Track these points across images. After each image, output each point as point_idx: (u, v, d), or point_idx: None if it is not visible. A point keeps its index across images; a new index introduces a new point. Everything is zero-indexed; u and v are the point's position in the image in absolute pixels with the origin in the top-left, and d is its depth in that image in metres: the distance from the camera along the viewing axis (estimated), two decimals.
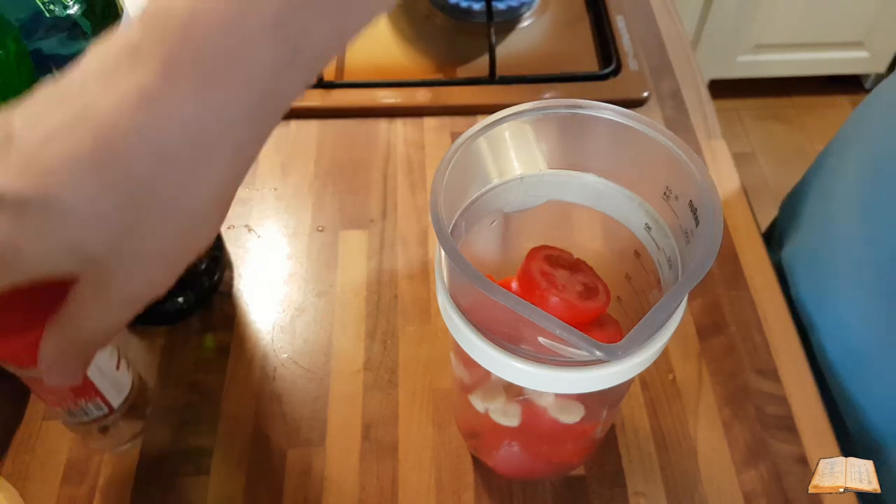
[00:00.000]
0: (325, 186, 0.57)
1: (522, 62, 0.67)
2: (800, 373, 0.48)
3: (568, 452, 0.42)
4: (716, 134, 0.61)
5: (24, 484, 0.43)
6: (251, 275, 0.52)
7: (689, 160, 0.31)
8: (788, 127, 1.83)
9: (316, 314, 0.50)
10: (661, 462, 0.44)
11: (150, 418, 0.45)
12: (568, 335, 0.26)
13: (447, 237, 0.29)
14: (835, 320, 0.50)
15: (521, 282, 0.36)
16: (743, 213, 0.56)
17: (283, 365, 0.48)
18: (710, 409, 0.46)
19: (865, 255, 0.47)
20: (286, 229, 0.55)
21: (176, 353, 0.48)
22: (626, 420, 0.46)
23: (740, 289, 0.52)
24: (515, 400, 0.36)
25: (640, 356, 0.30)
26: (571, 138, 0.35)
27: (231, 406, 0.46)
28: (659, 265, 0.34)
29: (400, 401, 0.46)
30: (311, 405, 0.46)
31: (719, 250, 0.28)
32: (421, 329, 0.49)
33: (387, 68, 0.66)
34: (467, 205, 0.35)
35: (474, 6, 0.70)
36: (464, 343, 0.32)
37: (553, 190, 0.36)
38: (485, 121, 0.33)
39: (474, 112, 0.62)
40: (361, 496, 0.43)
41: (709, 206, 0.29)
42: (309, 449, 0.44)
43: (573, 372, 0.29)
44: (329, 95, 0.63)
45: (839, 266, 0.50)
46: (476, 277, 0.27)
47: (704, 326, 0.50)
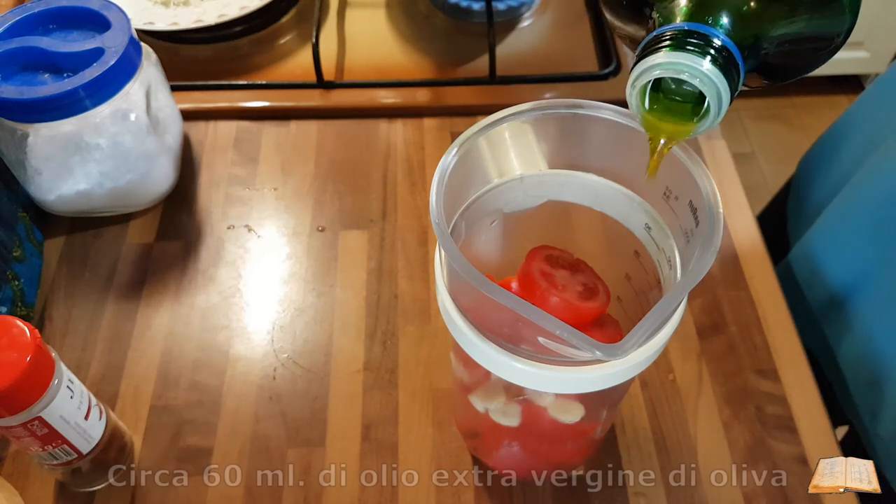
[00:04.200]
0: (325, 186, 0.57)
1: (522, 62, 0.67)
2: (800, 373, 0.48)
3: (568, 452, 0.42)
4: (716, 134, 0.61)
5: (24, 484, 0.43)
6: (251, 275, 0.52)
7: (688, 160, 0.31)
8: (788, 127, 1.83)
9: (316, 314, 0.50)
10: (660, 462, 0.44)
11: (149, 419, 0.45)
12: (568, 335, 0.26)
13: (447, 237, 0.29)
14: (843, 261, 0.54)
15: (521, 282, 0.36)
16: (743, 213, 0.56)
17: (283, 365, 0.48)
18: (710, 409, 0.46)
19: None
20: (286, 229, 0.55)
21: (175, 355, 0.48)
22: (626, 420, 0.46)
23: (740, 289, 0.52)
24: (515, 400, 0.36)
25: (640, 356, 0.30)
26: (571, 138, 0.35)
27: (231, 406, 0.46)
28: (659, 265, 0.34)
29: (400, 401, 0.46)
30: (311, 405, 0.46)
31: (719, 250, 0.28)
32: (421, 329, 0.49)
33: (387, 68, 0.66)
34: (467, 205, 0.35)
35: (474, 6, 0.70)
36: (464, 343, 0.32)
37: (553, 190, 0.36)
38: (485, 121, 0.33)
39: (474, 112, 0.62)
40: (361, 496, 0.43)
41: (709, 206, 0.29)
42: (309, 449, 0.44)
43: (573, 372, 0.29)
44: (329, 95, 0.63)
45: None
46: (476, 277, 0.27)
47: (704, 326, 0.50)
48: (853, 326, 0.53)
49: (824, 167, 0.61)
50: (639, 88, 0.27)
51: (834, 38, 0.26)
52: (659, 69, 0.25)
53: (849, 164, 0.58)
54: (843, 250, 0.54)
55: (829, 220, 0.56)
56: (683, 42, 0.25)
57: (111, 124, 0.49)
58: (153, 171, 0.53)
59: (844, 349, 0.54)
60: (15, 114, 0.48)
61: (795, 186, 0.67)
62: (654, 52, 0.25)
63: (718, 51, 0.25)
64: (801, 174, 0.66)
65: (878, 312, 0.51)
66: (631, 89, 0.27)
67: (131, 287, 0.52)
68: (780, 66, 0.28)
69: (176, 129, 0.57)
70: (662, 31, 0.26)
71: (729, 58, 0.25)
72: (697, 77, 0.25)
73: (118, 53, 0.48)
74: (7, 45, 0.49)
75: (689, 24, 0.25)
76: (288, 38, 0.69)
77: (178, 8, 0.68)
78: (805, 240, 0.58)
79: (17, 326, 0.35)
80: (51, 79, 0.49)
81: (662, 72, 0.25)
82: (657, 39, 0.26)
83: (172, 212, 0.56)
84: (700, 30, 0.25)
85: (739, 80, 0.26)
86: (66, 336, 0.49)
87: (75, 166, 0.50)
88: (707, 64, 0.25)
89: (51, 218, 0.55)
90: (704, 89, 0.25)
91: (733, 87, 0.25)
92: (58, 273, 0.52)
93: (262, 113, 0.62)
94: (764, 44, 0.26)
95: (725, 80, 0.25)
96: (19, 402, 0.35)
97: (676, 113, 0.28)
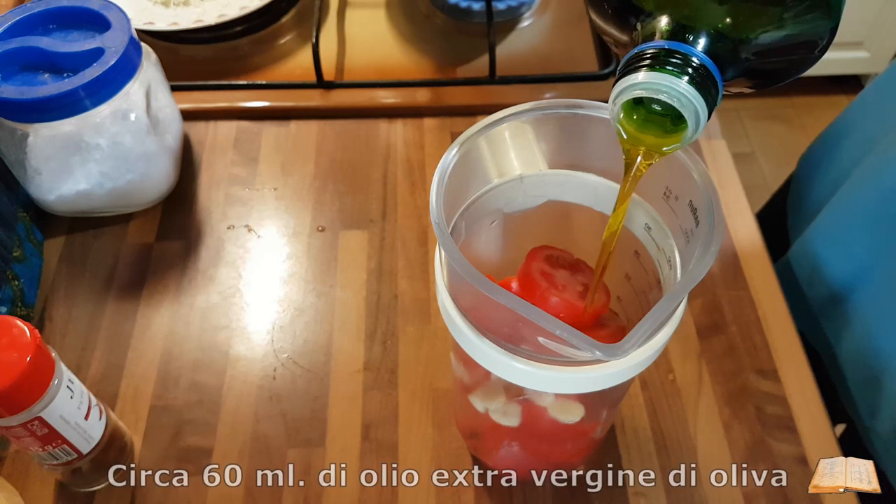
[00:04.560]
0: (325, 186, 0.57)
1: (522, 62, 0.67)
2: (800, 373, 0.48)
3: (568, 452, 0.42)
4: (716, 134, 0.61)
5: (24, 484, 0.43)
6: (251, 275, 0.52)
7: (688, 160, 0.31)
8: (788, 127, 1.83)
9: (316, 314, 0.50)
10: (660, 462, 0.44)
11: (149, 419, 0.45)
12: (568, 335, 0.26)
13: (447, 237, 0.29)
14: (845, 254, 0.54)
15: (521, 282, 0.36)
16: (743, 213, 0.56)
17: (283, 365, 0.48)
18: (710, 409, 0.46)
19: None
20: (286, 229, 0.55)
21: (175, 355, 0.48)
22: (626, 420, 0.46)
23: (740, 289, 0.52)
24: (515, 400, 0.36)
25: (640, 356, 0.30)
26: (571, 138, 0.35)
27: (231, 406, 0.46)
28: (659, 265, 0.34)
29: (400, 401, 0.46)
30: (311, 405, 0.46)
31: (719, 250, 0.28)
32: (421, 329, 0.49)
33: (387, 68, 0.66)
34: (467, 205, 0.35)
35: (474, 6, 0.70)
36: (464, 343, 0.32)
37: (553, 190, 0.36)
38: (485, 121, 0.33)
39: (474, 112, 0.62)
40: (361, 496, 0.43)
41: (709, 206, 0.29)
42: (309, 449, 0.44)
43: (573, 372, 0.29)
44: (329, 95, 0.63)
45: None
46: (476, 277, 0.27)
47: (704, 326, 0.50)
48: (853, 323, 0.53)
49: (824, 165, 0.62)
50: (619, 105, 0.28)
51: (817, 43, 0.27)
52: (638, 88, 0.26)
53: (848, 162, 0.58)
54: (842, 248, 0.54)
55: (828, 218, 0.56)
56: (663, 62, 0.26)
57: (111, 124, 0.49)
58: (153, 171, 0.53)
59: (844, 346, 0.54)
60: (15, 114, 0.48)
61: (795, 184, 0.67)
62: (635, 71, 0.26)
63: (696, 69, 0.26)
64: (800, 172, 0.67)
65: (877, 309, 0.51)
66: (612, 105, 0.28)
67: (131, 287, 0.52)
68: (766, 71, 0.28)
69: (176, 129, 0.57)
70: (643, 49, 0.27)
71: (707, 75, 0.26)
72: (675, 97, 0.26)
73: (118, 53, 0.48)
74: (7, 45, 0.49)
75: (670, 44, 0.27)
76: (288, 38, 0.69)
77: (178, 8, 0.68)
78: (805, 237, 0.58)
79: (17, 326, 0.35)
80: (51, 79, 0.49)
81: (642, 91, 0.26)
82: (639, 57, 0.27)
83: (172, 212, 0.56)
84: (679, 49, 0.26)
85: (718, 94, 0.27)
86: (66, 336, 0.49)
87: (75, 166, 0.50)
88: (684, 84, 0.26)
89: (51, 218, 0.55)
90: (682, 109, 0.26)
91: (711, 102, 0.26)
92: (58, 273, 0.52)
93: (262, 113, 0.62)
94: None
95: (703, 97, 0.26)
96: (19, 402, 0.35)
97: (656, 124, 0.29)
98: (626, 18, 0.29)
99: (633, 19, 0.28)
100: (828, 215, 0.56)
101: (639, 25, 0.28)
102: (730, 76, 0.27)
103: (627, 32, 0.29)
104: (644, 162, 0.29)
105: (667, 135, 0.28)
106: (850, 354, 0.53)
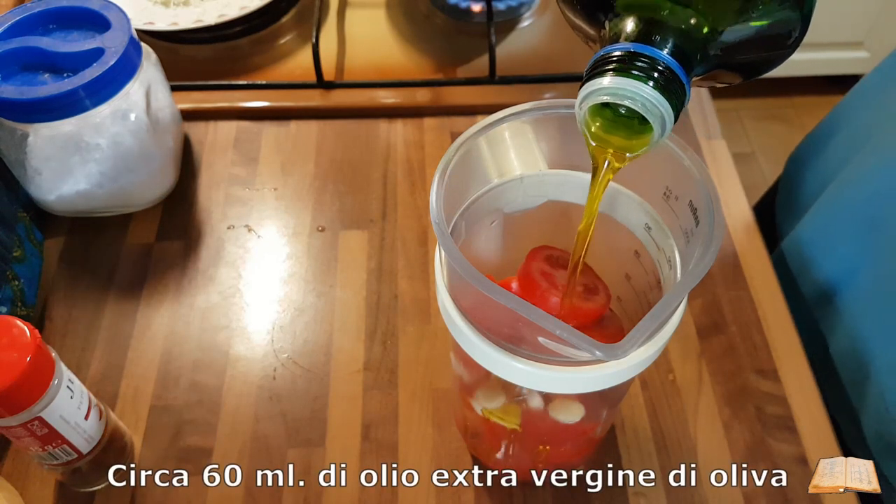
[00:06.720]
0: (325, 186, 0.57)
1: (522, 62, 0.67)
2: (800, 373, 0.48)
3: (568, 452, 0.42)
4: (716, 134, 0.61)
5: (24, 484, 0.43)
6: (251, 275, 0.52)
7: (688, 160, 0.31)
8: (788, 127, 1.83)
9: (316, 314, 0.50)
10: (660, 462, 0.44)
11: (149, 419, 0.45)
12: (568, 335, 0.26)
13: (447, 237, 0.29)
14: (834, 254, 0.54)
15: (521, 282, 0.36)
16: (743, 213, 0.56)
17: (283, 365, 0.48)
18: (710, 409, 0.46)
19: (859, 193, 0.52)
20: (286, 229, 0.55)
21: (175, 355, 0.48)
22: (626, 420, 0.46)
23: (740, 289, 0.52)
24: (515, 400, 0.36)
25: (640, 356, 0.30)
26: (571, 138, 0.35)
27: (231, 406, 0.46)
28: (659, 265, 0.34)
29: (400, 401, 0.46)
30: (311, 405, 0.46)
31: (719, 250, 0.28)
32: (421, 329, 0.49)
33: (387, 68, 0.66)
34: (467, 205, 0.35)
35: (474, 6, 0.70)
36: (464, 343, 0.32)
37: (553, 190, 0.36)
38: (485, 121, 0.33)
39: (474, 112, 0.62)
40: (361, 496, 0.43)
41: (709, 206, 0.29)
42: (309, 449, 0.44)
43: (573, 372, 0.29)
44: (329, 95, 0.63)
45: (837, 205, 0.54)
46: (476, 277, 0.27)
47: (704, 326, 0.50)
48: (841, 323, 0.53)
49: (812, 164, 0.62)
50: (586, 109, 0.28)
51: (789, 35, 0.27)
52: (604, 94, 0.26)
53: (835, 162, 0.58)
54: (829, 248, 0.54)
55: (816, 218, 0.56)
56: (629, 66, 0.26)
57: (111, 124, 0.49)
58: (153, 171, 0.53)
59: (833, 346, 0.54)
60: (15, 114, 0.48)
61: (784, 183, 0.67)
62: (600, 75, 0.26)
63: (661, 73, 0.26)
64: (789, 171, 0.67)
65: (862, 311, 0.51)
66: (579, 110, 0.28)
67: (131, 287, 0.52)
68: (740, 65, 0.28)
69: (176, 129, 0.57)
70: (609, 52, 0.27)
71: (673, 78, 0.26)
72: (640, 103, 0.26)
73: (118, 53, 0.48)
74: (7, 45, 0.49)
75: (636, 46, 0.26)
76: (288, 38, 0.69)
77: (178, 8, 0.68)
78: (793, 237, 0.58)
79: (17, 326, 0.35)
80: (51, 79, 0.49)
81: (607, 97, 0.26)
82: (604, 60, 0.27)
83: (172, 212, 0.56)
84: (645, 52, 0.26)
85: (685, 96, 0.27)
86: (66, 336, 0.49)
87: (75, 166, 0.50)
88: (649, 90, 0.26)
89: (51, 218, 0.55)
90: (647, 115, 0.26)
91: (677, 105, 0.26)
92: (58, 273, 0.52)
93: (262, 113, 0.62)
94: (715, 51, 0.27)
95: (668, 101, 0.26)
96: (19, 402, 0.35)
97: (623, 126, 0.29)
98: (594, 15, 0.29)
99: (601, 16, 0.28)
100: (814, 216, 0.57)
101: (607, 24, 0.28)
102: (701, 72, 0.27)
103: (596, 29, 0.29)
104: (613, 165, 0.29)
105: (634, 135, 0.28)
106: (839, 354, 0.53)
